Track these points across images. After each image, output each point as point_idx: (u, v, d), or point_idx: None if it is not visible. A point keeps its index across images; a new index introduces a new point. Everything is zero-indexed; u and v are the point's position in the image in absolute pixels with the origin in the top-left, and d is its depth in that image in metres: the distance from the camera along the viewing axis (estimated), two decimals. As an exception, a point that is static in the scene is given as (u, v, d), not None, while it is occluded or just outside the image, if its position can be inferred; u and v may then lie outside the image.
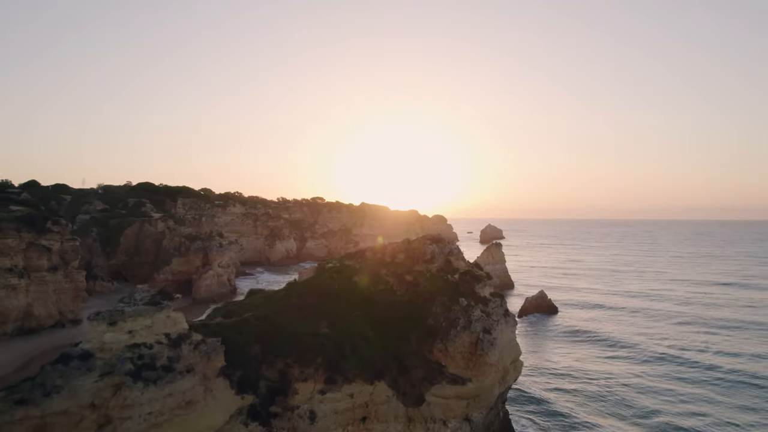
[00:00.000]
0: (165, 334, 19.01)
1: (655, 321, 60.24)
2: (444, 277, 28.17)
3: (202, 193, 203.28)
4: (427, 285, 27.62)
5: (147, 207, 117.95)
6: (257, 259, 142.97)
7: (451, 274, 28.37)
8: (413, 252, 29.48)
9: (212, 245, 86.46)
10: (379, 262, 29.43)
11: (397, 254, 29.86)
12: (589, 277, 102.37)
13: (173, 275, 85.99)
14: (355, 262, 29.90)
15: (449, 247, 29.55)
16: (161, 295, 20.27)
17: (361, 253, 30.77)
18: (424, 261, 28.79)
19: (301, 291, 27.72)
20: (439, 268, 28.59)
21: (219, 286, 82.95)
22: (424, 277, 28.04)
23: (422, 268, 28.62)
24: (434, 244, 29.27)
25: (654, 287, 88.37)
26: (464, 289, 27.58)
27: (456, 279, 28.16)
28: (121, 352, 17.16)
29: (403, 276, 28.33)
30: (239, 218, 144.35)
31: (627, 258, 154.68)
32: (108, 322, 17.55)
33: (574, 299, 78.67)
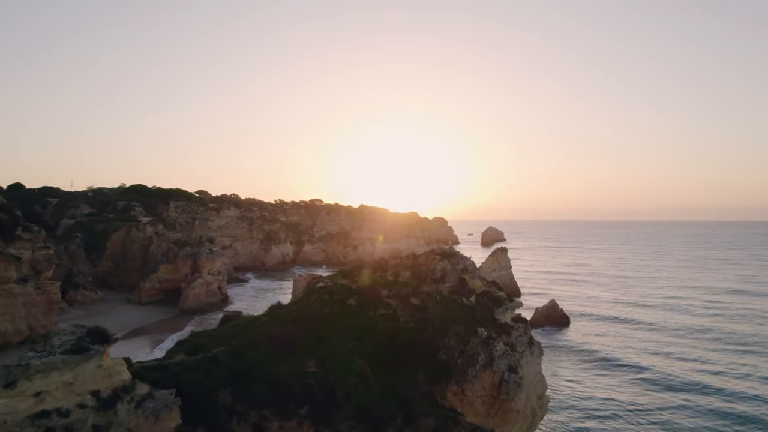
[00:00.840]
0: (92, 393, 14.14)
1: (679, 337, 55.08)
2: (458, 300, 23.35)
3: (197, 195, 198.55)
4: (438, 310, 22.80)
5: (136, 210, 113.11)
6: (252, 264, 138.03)
7: (466, 296, 23.55)
8: (420, 269, 24.65)
9: (201, 251, 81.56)
10: (380, 281, 24.60)
11: (401, 271, 25.02)
12: (598, 285, 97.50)
13: (160, 283, 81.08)
14: (350, 281, 25.08)
15: (463, 264, 24.75)
16: (93, 337, 15.34)
17: (358, 270, 25.93)
18: (434, 280, 23.97)
19: (284, 318, 22.86)
20: (451, 289, 23.79)
21: (208, 295, 78.04)
22: (434, 300, 23.21)
23: (431, 288, 23.80)
24: (445, 260, 24.46)
25: (668, 295, 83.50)
26: (482, 316, 22.75)
27: (472, 302, 23.34)
28: (18, 426, 12.27)
29: (408, 299, 23.51)
30: (234, 222, 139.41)
31: (634, 262, 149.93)
32: (3, 383, 12.65)
33: (586, 309, 73.83)
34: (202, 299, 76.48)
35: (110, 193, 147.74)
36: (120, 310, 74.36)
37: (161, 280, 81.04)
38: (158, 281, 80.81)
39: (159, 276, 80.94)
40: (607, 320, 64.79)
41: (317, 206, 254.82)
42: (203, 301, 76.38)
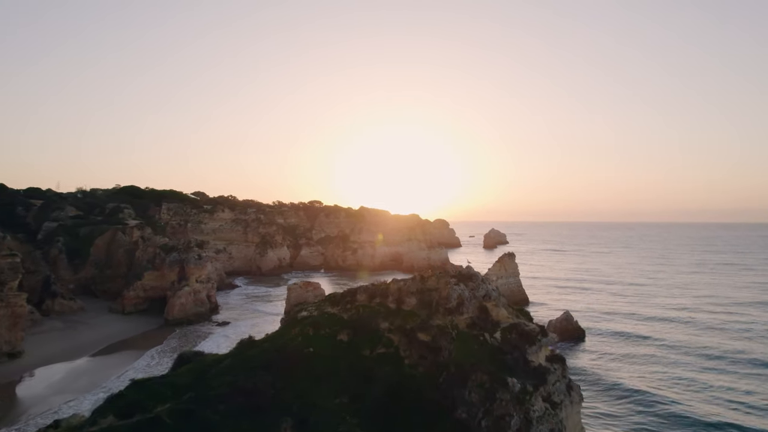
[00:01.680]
0: None
1: (709, 359, 49.13)
2: (479, 336, 18.21)
3: (192, 197, 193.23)
4: (454, 350, 17.66)
5: (125, 213, 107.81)
6: (247, 268, 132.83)
7: (489, 331, 18.41)
8: (430, 295, 19.51)
9: (189, 257, 76.36)
10: (378, 309, 19.43)
11: (406, 297, 19.87)
12: (611, 293, 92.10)
13: (145, 291, 75.89)
14: (341, 310, 19.93)
15: (485, 288, 19.63)
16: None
17: (351, 296, 20.73)
18: (448, 310, 18.84)
19: (254, 360, 17.68)
20: (470, 322, 18.66)
21: (195, 305, 72.84)
22: (448, 336, 18.06)
23: (445, 321, 18.65)
24: (462, 284, 19.35)
25: (687, 305, 78.02)
26: (512, 359, 17.59)
27: (498, 340, 18.21)
28: None
29: (415, 334, 18.36)
30: (228, 224, 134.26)
31: (643, 267, 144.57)
32: None
33: (602, 323, 68.35)
34: (189, 309, 71.29)
35: (101, 195, 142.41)
36: (101, 321, 69.18)
37: (146, 288, 75.88)
38: (143, 289, 75.65)
39: (144, 284, 75.79)
40: (626, 338, 59.06)
41: (316, 208, 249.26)
42: (190, 311, 71.19)
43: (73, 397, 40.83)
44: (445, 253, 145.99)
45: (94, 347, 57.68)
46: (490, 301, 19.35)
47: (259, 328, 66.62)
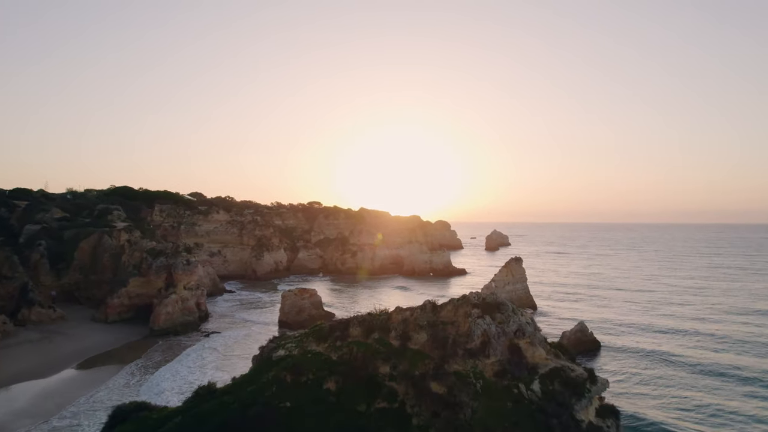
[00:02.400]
0: None
1: (735, 381, 44.37)
2: (512, 388, 13.74)
3: (188, 198, 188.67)
4: (479, 407, 13.16)
5: (114, 215, 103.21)
6: (243, 272, 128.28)
7: (525, 381, 13.92)
8: (445, 330, 15.03)
9: (177, 262, 71.85)
10: (378, 348, 14.96)
11: (413, 332, 15.41)
12: (622, 301, 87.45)
13: (130, 299, 71.34)
14: (329, 348, 15.46)
15: (516, 321, 15.18)
16: None
17: (342, 329, 16.23)
18: (469, 352, 14.38)
19: (211, 419, 13.07)
20: (499, 369, 14.21)
21: (183, 314, 68.27)
22: (470, 388, 13.57)
23: (465, 366, 14.19)
24: (487, 316, 14.88)
25: (704, 316, 73.23)
26: (557, 422, 13.07)
27: (536, 393, 13.71)
28: None
29: (427, 383, 13.87)
30: (223, 226, 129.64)
31: (651, 271, 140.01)
32: None
33: (615, 336, 63.66)
34: (176, 318, 66.73)
35: (92, 196, 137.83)
36: (81, 331, 64.60)
37: (131, 295, 71.32)
38: (128, 297, 71.09)
39: (129, 291, 71.23)
40: (644, 355, 53.78)
41: (315, 209, 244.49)
42: (177, 321, 66.63)
43: (33, 424, 36.32)
44: (447, 256, 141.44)
45: (70, 361, 53.14)
46: (523, 338, 14.92)
47: (250, 341, 62.11)
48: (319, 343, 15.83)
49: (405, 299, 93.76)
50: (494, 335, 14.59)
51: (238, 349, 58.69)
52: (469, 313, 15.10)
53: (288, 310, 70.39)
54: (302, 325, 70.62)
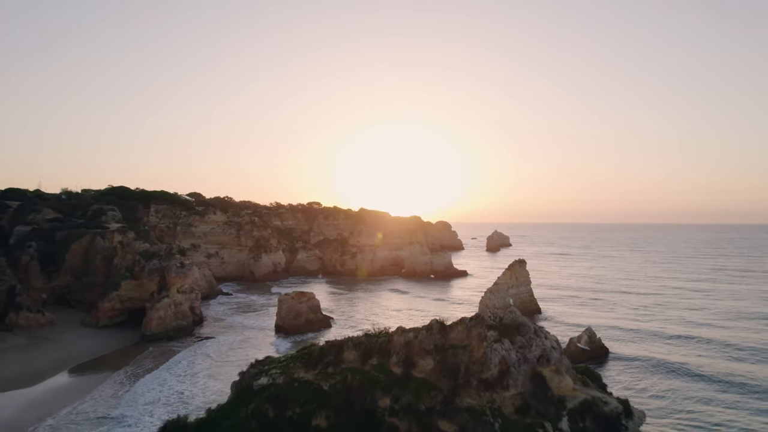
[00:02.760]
0: None
1: (750, 394, 42.29)
2: (536, 427, 11.46)
3: (186, 198, 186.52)
4: (497, 453, 10.92)
5: (108, 215, 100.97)
6: (240, 273, 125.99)
7: (551, 418, 11.66)
8: (456, 356, 12.64)
9: (171, 265, 69.61)
10: (377, 377, 12.71)
11: (418, 357, 13.06)
12: (629, 306, 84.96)
13: (122, 303, 69.11)
14: (319, 375, 13.15)
15: (539, 346, 12.77)
16: None
17: (335, 352, 13.96)
18: (485, 382, 11.90)
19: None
20: (519, 403, 11.87)
21: (176, 318, 66.00)
22: (486, 426, 11.30)
23: (480, 400, 11.87)
24: (505, 340, 12.60)
25: (714, 322, 70.64)
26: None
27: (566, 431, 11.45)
28: None
29: (434, 420, 11.60)
30: (220, 227, 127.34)
31: (656, 273, 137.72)
32: None
33: (624, 343, 61.24)
34: (169, 323, 64.46)
35: (87, 196, 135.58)
36: (70, 336, 62.36)
37: (123, 299, 69.11)
38: (119, 300, 68.87)
39: (120, 294, 69.01)
40: (655, 364, 50.86)
41: (315, 209, 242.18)
42: (170, 325, 64.35)
43: (8, 440, 34.12)
44: (448, 258, 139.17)
45: (56, 369, 50.87)
46: (548, 365, 12.67)
47: (245, 346, 59.87)
48: (308, 369, 13.57)
49: (404, 302, 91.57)
50: (514, 363, 12.35)
51: (232, 355, 56.45)
52: (484, 336, 12.86)
53: (285, 315, 68.16)
54: (299, 330, 68.46)
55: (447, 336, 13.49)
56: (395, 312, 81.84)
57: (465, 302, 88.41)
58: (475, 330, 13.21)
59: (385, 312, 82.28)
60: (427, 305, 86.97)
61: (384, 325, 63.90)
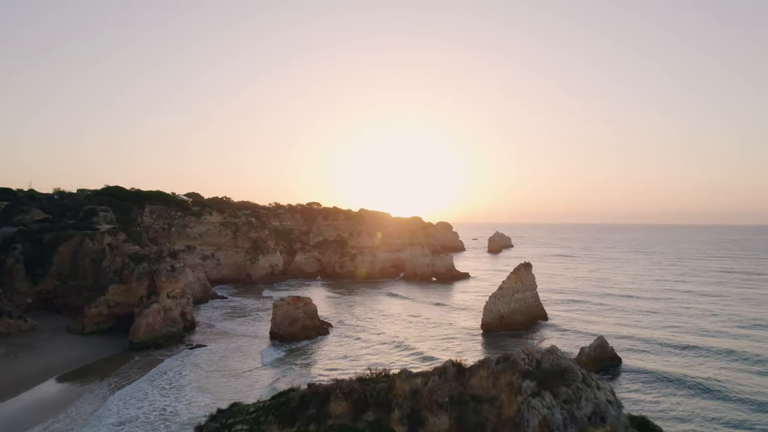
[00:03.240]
0: None
1: None
2: None
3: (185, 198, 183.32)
4: None
5: (100, 216, 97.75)
6: (237, 276, 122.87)
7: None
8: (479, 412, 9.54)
9: (161, 269, 66.44)
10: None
11: (427, 413, 9.92)
12: (639, 311, 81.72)
13: (109, 308, 65.99)
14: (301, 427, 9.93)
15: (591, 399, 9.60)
16: None
17: (321, 402, 10.79)
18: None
19: None
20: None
21: (166, 324, 62.84)
22: None
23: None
24: (546, 392, 9.37)
25: (729, 331, 67.10)
26: None
27: None
28: None
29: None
30: (216, 228, 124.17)
31: (664, 276, 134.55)
32: None
33: (635, 353, 58.04)
34: (158, 330, 61.30)
35: (80, 197, 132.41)
36: (53, 344, 59.19)
37: (111, 304, 65.96)
38: (107, 305, 65.72)
39: (108, 299, 65.86)
40: (669, 379, 47.56)
41: (314, 210, 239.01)
42: (159, 332, 61.20)
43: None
44: (450, 259, 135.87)
45: (35, 380, 47.67)
46: (602, 425, 9.47)
47: (238, 355, 56.70)
48: (284, 425, 10.40)
49: (405, 307, 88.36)
50: (559, 425, 9.21)
51: (223, 365, 53.33)
52: (518, 387, 9.63)
53: (280, 321, 65.00)
54: (295, 337, 65.26)
55: (466, 383, 10.34)
56: (395, 319, 78.74)
57: (468, 308, 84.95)
58: (505, 377, 10.04)
59: (384, 319, 79.24)
60: (429, 311, 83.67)
61: (384, 332, 60.20)
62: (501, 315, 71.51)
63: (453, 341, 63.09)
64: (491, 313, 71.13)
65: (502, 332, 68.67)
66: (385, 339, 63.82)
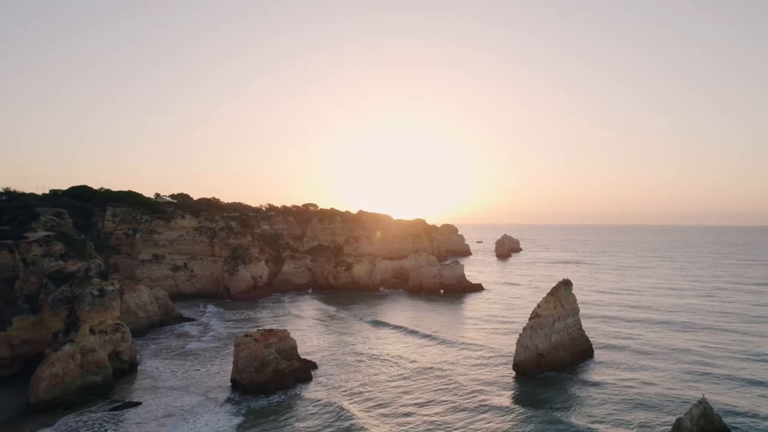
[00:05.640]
0: None
1: None
2: None
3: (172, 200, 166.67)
4: None
5: (41, 221, 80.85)
6: (215, 289, 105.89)
7: None
8: None
9: (84, 294, 49.32)
10: None
11: None
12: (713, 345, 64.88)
13: (12, 349, 48.90)
14: None
15: None
16: None
17: None
18: None
19: None
20: None
21: (85, 373, 45.68)
22: None
23: None
24: None
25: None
26: None
27: None
28: None
29: None
30: (190, 234, 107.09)
31: (707, 289, 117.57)
32: None
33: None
34: (70, 382, 44.10)
35: (32, 198, 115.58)
36: None
37: (14, 342, 48.90)
38: (8, 344, 48.64)
39: (10, 336, 48.75)
40: None
41: (310, 212, 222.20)
42: (71, 385, 44.01)
43: None
44: (460, 269, 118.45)
45: None
46: None
47: (178, 423, 39.46)
48: None
49: (410, 340, 71.03)
50: None
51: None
52: None
53: (243, 365, 47.84)
54: (264, 388, 48.03)
55: None
56: (399, 356, 61.43)
57: (491, 346, 64.03)
58: None
59: (385, 354, 62.08)
60: (443, 347, 65.12)
61: (383, 381, 42.21)
62: (539, 352, 54.29)
63: (478, 397, 45.73)
64: (527, 350, 53.87)
65: (542, 374, 51.76)
66: (386, 397, 46.30)
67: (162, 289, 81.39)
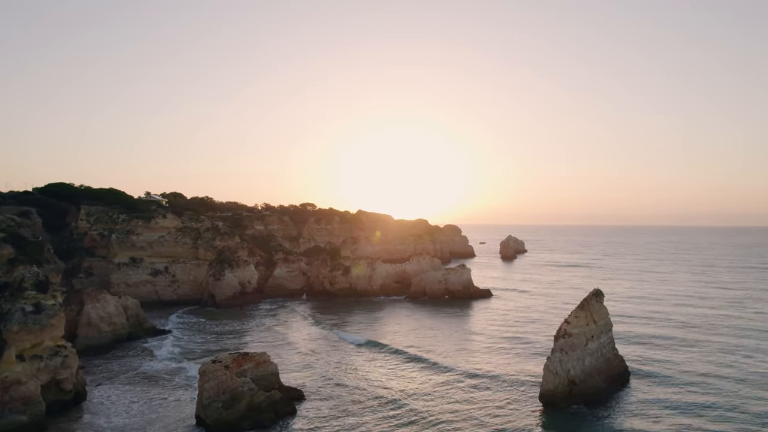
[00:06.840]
0: None
1: None
2: None
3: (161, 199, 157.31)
4: None
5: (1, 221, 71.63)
6: (199, 295, 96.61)
7: None
8: None
9: (13, 310, 40.07)
10: None
11: None
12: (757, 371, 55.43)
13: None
14: None
15: None
16: None
17: None
18: None
19: None
20: None
21: (8, 412, 36.32)
22: None
23: None
24: None
25: None
26: None
27: None
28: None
29: None
30: (171, 235, 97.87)
31: (733, 293, 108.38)
32: None
33: None
34: (-15, 425, 34.82)
35: (6, 195, 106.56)
36: None
37: (-74, 370, 39.45)
38: None
39: None
40: None
41: (306, 212, 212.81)
42: (-13, 429, 34.74)
43: None
44: (467, 274, 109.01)
45: None
46: None
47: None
48: None
49: (414, 366, 61.60)
50: None
51: None
52: None
53: (209, 400, 38.48)
54: (235, 428, 39.16)
55: None
56: (400, 388, 52.10)
57: (508, 372, 53.35)
58: None
59: (385, 381, 52.82)
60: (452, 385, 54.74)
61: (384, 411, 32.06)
62: (571, 379, 44.88)
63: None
64: (557, 377, 44.48)
65: (574, 406, 42.45)
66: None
67: (132, 298, 72.00)
